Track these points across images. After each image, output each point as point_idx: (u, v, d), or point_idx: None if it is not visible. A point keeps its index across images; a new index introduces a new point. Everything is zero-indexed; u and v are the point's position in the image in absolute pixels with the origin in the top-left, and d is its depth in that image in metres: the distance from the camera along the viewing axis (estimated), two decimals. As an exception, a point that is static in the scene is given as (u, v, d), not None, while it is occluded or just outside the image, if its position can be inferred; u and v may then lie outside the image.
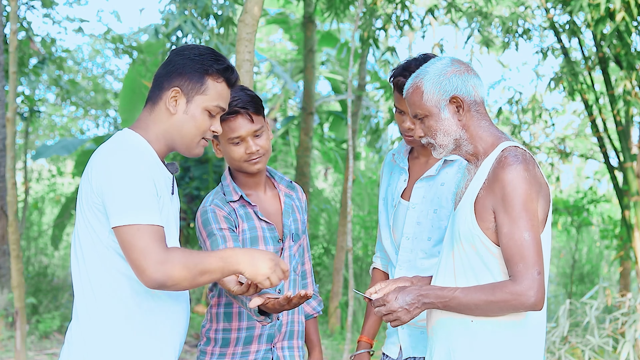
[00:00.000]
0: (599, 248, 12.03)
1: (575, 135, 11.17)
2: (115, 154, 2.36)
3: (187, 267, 2.28)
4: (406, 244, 3.01)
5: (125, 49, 10.90)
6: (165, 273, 2.26)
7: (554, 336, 6.20)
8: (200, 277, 2.31)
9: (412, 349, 2.99)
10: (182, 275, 2.28)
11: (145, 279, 2.27)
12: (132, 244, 2.27)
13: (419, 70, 2.54)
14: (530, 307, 2.33)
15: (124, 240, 2.29)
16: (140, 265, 2.27)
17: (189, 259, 2.30)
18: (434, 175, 3.00)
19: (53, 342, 8.58)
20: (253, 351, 2.91)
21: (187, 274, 2.28)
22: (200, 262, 2.31)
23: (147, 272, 2.26)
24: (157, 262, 2.26)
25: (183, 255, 2.30)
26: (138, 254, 2.27)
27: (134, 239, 2.27)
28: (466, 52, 19.51)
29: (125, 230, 2.28)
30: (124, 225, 2.28)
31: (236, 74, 2.53)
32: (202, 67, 2.45)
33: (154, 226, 2.30)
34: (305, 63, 10.18)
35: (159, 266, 2.26)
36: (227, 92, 2.51)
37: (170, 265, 2.27)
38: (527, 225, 2.33)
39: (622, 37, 6.73)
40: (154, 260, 2.26)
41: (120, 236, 2.30)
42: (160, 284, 2.27)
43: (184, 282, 2.29)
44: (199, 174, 10.84)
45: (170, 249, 2.31)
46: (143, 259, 2.26)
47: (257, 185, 2.99)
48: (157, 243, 2.28)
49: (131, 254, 2.28)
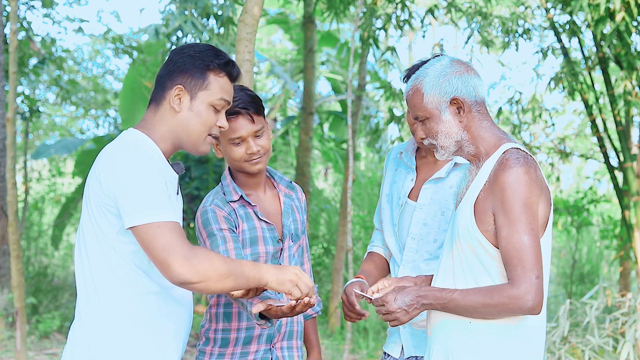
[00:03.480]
0: (599, 248, 12.02)
1: (575, 135, 11.17)
2: (123, 154, 2.35)
3: (214, 266, 2.26)
4: (412, 244, 3.01)
5: (125, 49, 10.90)
6: (192, 268, 2.23)
7: (554, 336, 6.20)
8: (225, 279, 2.29)
9: (414, 348, 2.99)
10: (208, 273, 2.25)
11: (171, 274, 2.24)
12: (155, 241, 2.25)
13: (419, 72, 2.54)
14: (528, 311, 2.32)
15: (145, 239, 2.26)
16: (165, 261, 2.24)
17: (217, 258, 2.28)
18: (443, 178, 3.00)
19: (53, 342, 8.59)
20: (252, 351, 2.91)
21: (213, 273, 2.26)
22: (228, 264, 2.30)
23: (173, 267, 2.23)
24: (183, 258, 2.23)
25: (210, 254, 2.28)
26: (162, 250, 2.24)
27: (155, 236, 2.25)
28: (466, 52, 19.51)
29: (145, 230, 2.26)
30: (143, 224, 2.26)
31: (237, 67, 2.53)
32: (203, 63, 2.46)
33: (174, 223, 2.29)
34: (305, 63, 10.18)
35: (185, 261, 2.23)
36: (230, 86, 2.52)
37: (197, 261, 2.24)
38: (526, 228, 2.32)
39: (622, 37, 6.73)
40: (180, 255, 2.23)
41: (140, 236, 2.27)
42: (185, 279, 2.24)
43: (209, 281, 2.26)
44: (199, 174, 10.83)
45: (195, 247, 2.29)
46: (168, 255, 2.23)
47: (257, 185, 2.99)
48: (181, 239, 2.27)
49: (154, 251, 2.26)
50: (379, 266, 3.15)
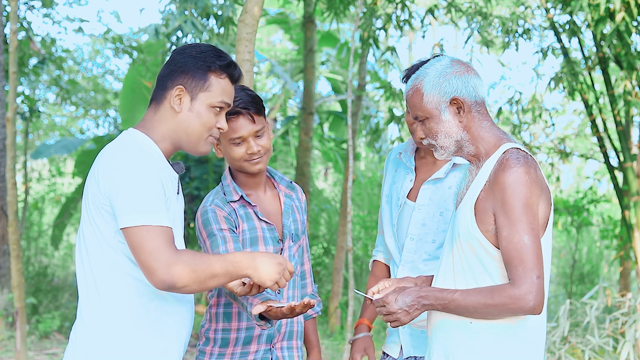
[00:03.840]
0: (599, 248, 12.03)
1: (575, 135, 11.16)
2: (122, 155, 2.35)
3: (195, 270, 2.28)
4: (410, 244, 3.01)
5: (125, 49, 10.90)
6: (175, 275, 2.25)
7: (554, 336, 6.20)
8: (209, 280, 2.31)
9: (413, 349, 2.99)
10: (190, 277, 2.27)
11: (155, 280, 2.27)
12: (142, 245, 2.26)
13: (419, 71, 2.53)
14: (529, 311, 2.32)
15: (133, 241, 2.28)
16: (150, 267, 2.26)
17: (198, 262, 2.29)
18: (442, 178, 3.00)
19: (53, 342, 8.59)
20: (252, 351, 2.91)
21: (196, 277, 2.28)
22: (209, 266, 2.31)
23: (157, 274, 2.25)
24: (166, 264, 2.25)
25: (192, 258, 2.29)
26: (147, 255, 2.26)
27: (143, 240, 2.27)
28: (466, 52, 19.51)
29: (135, 232, 2.27)
30: (133, 227, 2.27)
31: (239, 69, 2.53)
32: (205, 64, 2.45)
33: (164, 227, 2.29)
34: (305, 63, 10.18)
35: (168, 268, 2.25)
36: (231, 88, 2.51)
37: (180, 267, 2.26)
38: (526, 228, 2.32)
39: (622, 37, 6.73)
40: (163, 262, 2.25)
41: (129, 237, 2.29)
42: (169, 285, 2.27)
43: (192, 285, 2.28)
44: (199, 174, 10.83)
45: (179, 251, 2.30)
46: (153, 261, 2.26)
47: (258, 185, 2.99)
48: (167, 245, 2.28)
49: (140, 255, 2.27)
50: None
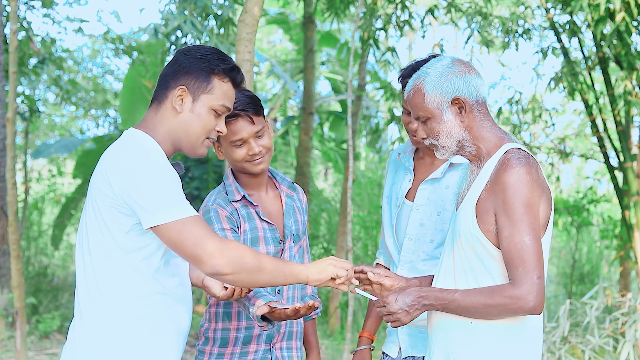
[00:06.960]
0: (599, 248, 12.02)
1: (575, 135, 11.16)
2: (134, 155, 2.34)
3: (244, 258, 2.30)
4: (409, 245, 3.01)
5: (125, 49, 10.90)
6: (225, 259, 2.27)
7: (554, 336, 6.20)
8: (258, 272, 2.33)
9: (412, 349, 3.00)
10: (240, 265, 2.29)
11: (205, 267, 2.28)
12: (183, 238, 2.28)
13: (420, 71, 2.53)
14: (530, 311, 2.32)
15: (172, 237, 2.28)
16: (197, 255, 2.27)
17: (248, 252, 2.32)
18: (439, 178, 3.00)
19: (53, 342, 8.58)
20: (252, 351, 2.91)
21: (246, 265, 2.30)
22: (260, 259, 2.33)
23: (206, 260, 2.27)
24: (215, 249, 2.27)
25: (240, 246, 2.32)
26: (192, 245, 2.27)
27: (183, 233, 2.28)
28: (466, 52, 19.51)
29: (170, 228, 2.28)
30: (166, 223, 2.28)
31: (242, 74, 2.54)
32: (209, 66, 2.46)
33: (197, 216, 2.31)
34: (305, 63, 10.18)
35: (218, 252, 2.27)
36: (233, 92, 2.52)
37: (229, 251, 2.28)
38: (527, 228, 2.32)
39: (622, 37, 6.73)
40: (211, 247, 2.27)
41: (165, 234, 2.29)
42: (218, 271, 2.28)
43: (241, 273, 2.30)
44: (199, 174, 10.84)
45: (225, 239, 2.33)
46: (200, 249, 2.27)
47: (259, 185, 2.99)
48: (209, 232, 2.30)
49: (185, 248, 2.28)
50: None
